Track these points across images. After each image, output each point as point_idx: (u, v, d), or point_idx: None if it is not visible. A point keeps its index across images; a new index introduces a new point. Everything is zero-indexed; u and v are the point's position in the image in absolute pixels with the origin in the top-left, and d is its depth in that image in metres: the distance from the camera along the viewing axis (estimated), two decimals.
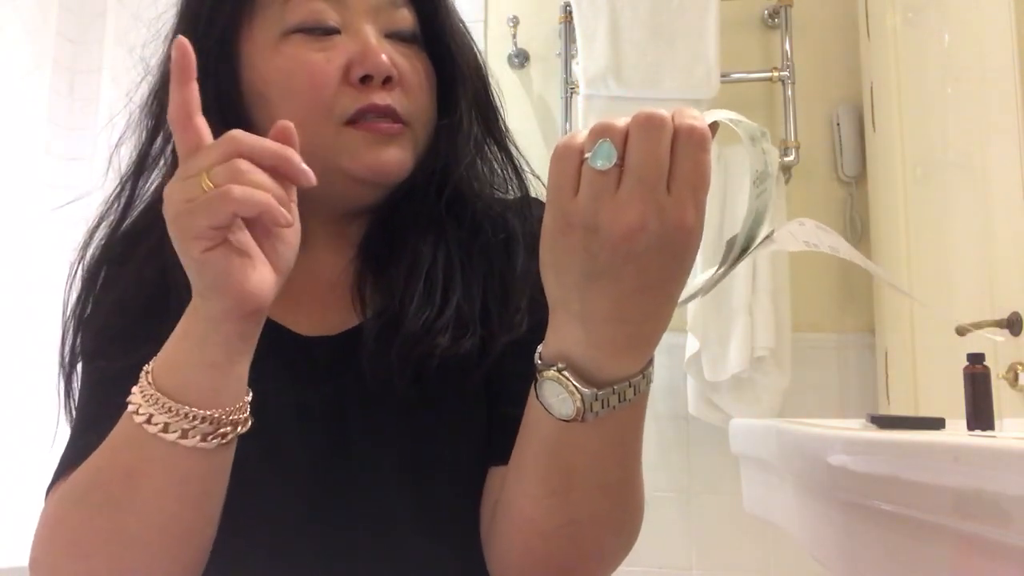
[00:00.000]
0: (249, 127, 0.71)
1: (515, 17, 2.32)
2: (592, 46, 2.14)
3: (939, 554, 0.45)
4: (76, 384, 0.72)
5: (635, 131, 0.48)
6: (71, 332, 0.72)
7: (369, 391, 0.67)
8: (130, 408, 0.57)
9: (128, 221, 0.75)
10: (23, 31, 2.34)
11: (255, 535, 0.65)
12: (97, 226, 0.75)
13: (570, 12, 2.22)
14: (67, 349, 0.72)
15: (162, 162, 0.74)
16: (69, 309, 0.73)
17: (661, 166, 0.48)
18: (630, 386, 0.54)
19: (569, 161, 0.50)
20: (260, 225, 0.55)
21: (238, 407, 0.58)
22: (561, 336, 0.54)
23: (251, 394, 0.59)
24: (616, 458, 0.59)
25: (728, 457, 1.07)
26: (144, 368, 0.58)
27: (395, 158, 0.70)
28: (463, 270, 0.72)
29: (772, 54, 2.26)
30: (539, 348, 0.56)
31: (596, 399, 0.53)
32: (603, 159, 0.48)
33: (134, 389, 0.57)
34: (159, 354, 0.58)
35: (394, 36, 0.71)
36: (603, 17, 2.14)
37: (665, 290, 0.51)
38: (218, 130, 0.69)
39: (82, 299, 0.73)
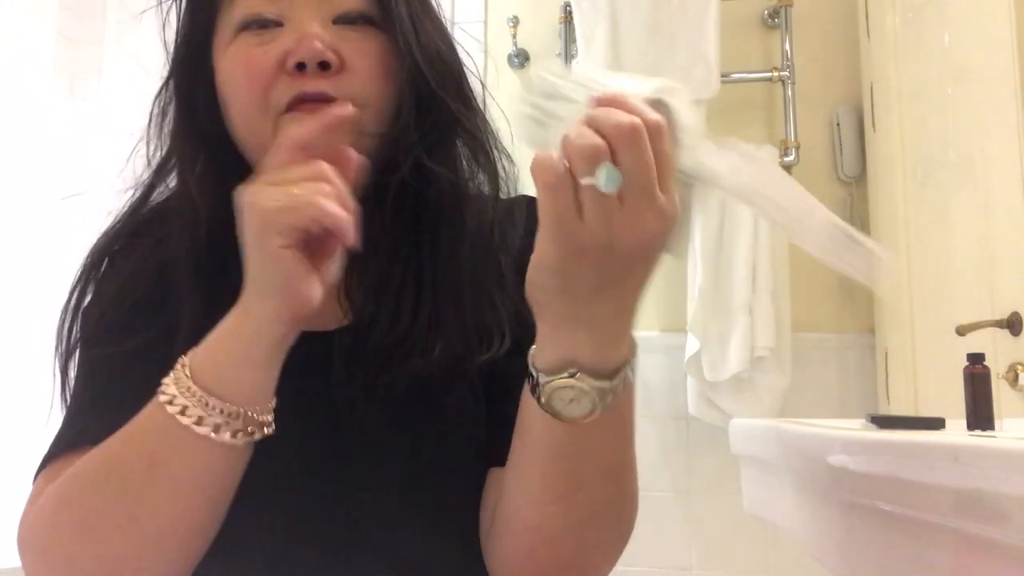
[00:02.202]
0: (226, 129, 0.72)
1: (515, 17, 2.32)
2: (592, 46, 2.14)
3: (939, 554, 0.45)
4: (72, 371, 0.73)
5: (625, 144, 0.49)
6: (69, 320, 0.73)
7: (366, 388, 0.67)
8: (161, 398, 0.57)
9: (138, 218, 0.76)
10: (23, 31, 2.34)
11: (251, 530, 0.65)
12: (112, 228, 0.76)
13: (570, 12, 2.22)
14: (65, 338, 0.73)
15: (175, 172, 0.75)
16: (74, 299, 0.74)
17: (654, 170, 0.49)
18: (630, 369, 0.56)
19: (566, 190, 0.50)
20: (320, 245, 0.58)
21: (268, 407, 0.59)
22: (567, 343, 0.54)
23: (275, 400, 0.60)
24: (617, 443, 0.61)
25: (728, 457, 1.07)
26: (180, 360, 0.59)
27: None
28: (446, 271, 0.71)
29: (772, 54, 2.26)
30: (532, 361, 0.56)
31: (609, 391, 0.55)
32: (613, 182, 0.48)
33: (166, 380, 0.58)
34: (199, 348, 0.59)
35: (342, 19, 0.69)
36: (603, 17, 2.13)
37: (653, 273, 0.54)
38: (198, 133, 0.72)
39: (82, 288, 0.74)
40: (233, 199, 0.71)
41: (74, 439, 0.66)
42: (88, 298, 0.74)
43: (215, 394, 0.57)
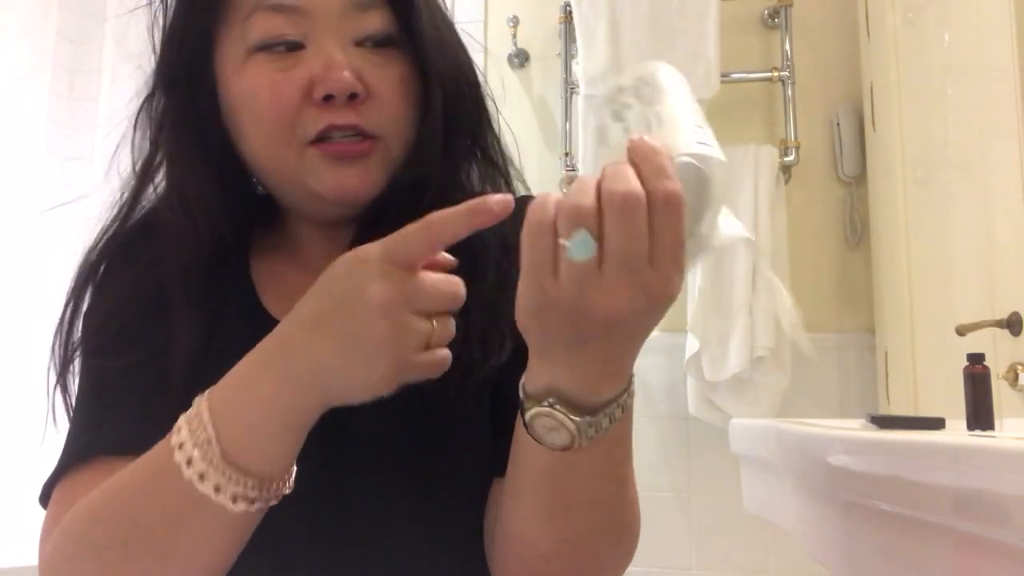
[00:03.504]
0: (229, 143, 0.71)
1: (515, 17, 2.32)
2: (592, 46, 2.14)
3: (939, 554, 0.45)
4: (71, 375, 0.72)
5: (613, 216, 0.46)
6: (67, 327, 0.72)
7: (368, 400, 0.67)
8: (186, 473, 0.55)
9: (128, 224, 0.75)
10: (23, 31, 2.34)
11: (250, 540, 0.65)
12: (98, 244, 0.74)
13: (570, 12, 2.22)
14: (63, 346, 0.72)
15: (161, 172, 0.73)
16: (71, 306, 0.73)
17: (643, 244, 0.46)
18: (618, 406, 0.54)
19: (543, 240, 0.47)
20: None
21: (292, 471, 0.59)
22: (548, 375, 0.53)
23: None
24: (609, 474, 0.59)
25: (728, 457, 1.07)
26: (198, 419, 0.56)
27: (357, 179, 0.67)
28: None
29: (772, 54, 2.26)
30: (522, 383, 0.55)
31: (589, 426, 0.53)
32: (584, 252, 0.46)
33: (193, 453, 0.55)
34: (224, 418, 0.55)
35: (366, 41, 0.68)
36: (603, 17, 2.13)
37: (647, 334, 0.51)
38: (200, 145, 0.70)
39: (78, 294, 0.73)
40: (235, 213, 0.70)
41: (83, 452, 0.66)
42: (86, 306, 0.73)
43: (248, 472, 0.55)
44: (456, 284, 0.55)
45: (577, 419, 0.52)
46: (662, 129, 0.50)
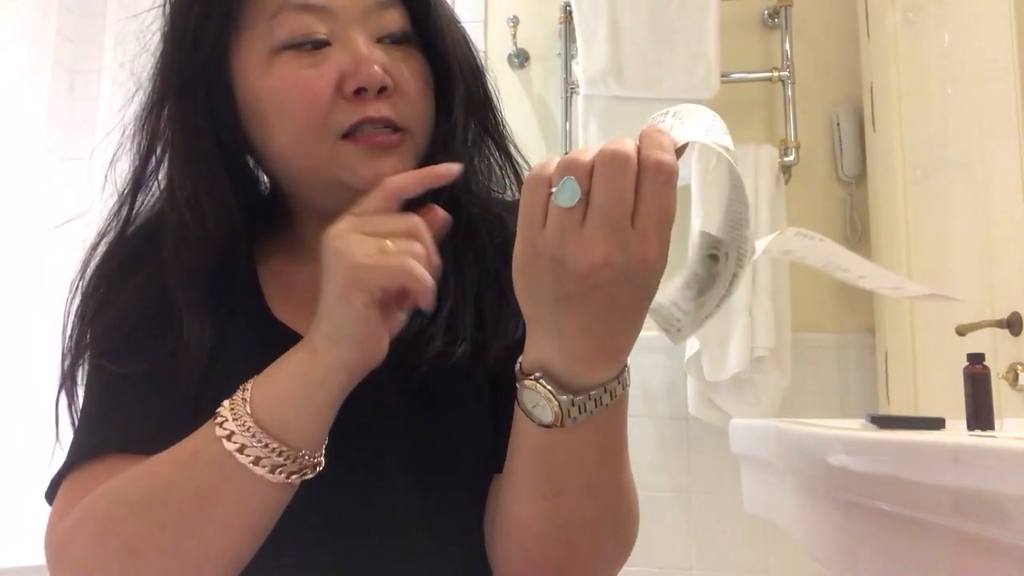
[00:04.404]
0: (245, 143, 0.72)
1: (515, 17, 2.32)
2: (592, 46, 2.14)
3: (939, 554, 0.45)
4: (78, 376, 0.72)
5: (600, 169, 0.49)
6: (77, 327, 0.72)
7: (372, 393, 0.67)
8: (219, 432, 0.58)
9: (128, 232, 0.74)
10: (23, 31, 2.34)
11: None
12: (97, 243, 0.75)
13: (570, 12, 2.22)
14: (73, 345, 0.72)
15: (160, 174, 0.73)
16: (74, 311, 0.73)
17: (626, 204, 0.49)
18: (606, 391, 0.55)
19: (537, 192, 0.51)
20: (395, 298, 0.59)
21: (322, 448, 0.61)
22: (538, 348, 0.55)
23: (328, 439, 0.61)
24: (600, 462, 0.60)
25: (728, 457, 1.07)
26: (240, 395, 0.59)
27: (391, 169, 0.69)
28: (457, 276, 0.71)
29: (772, 54, 2.26)
30: (520, 358, 0.57)
31: (573, 405, 0.54)
32: (567, 197, 0.49)
33: (224, 411, 0.59)
34: (260, 383, 0.60)
35: (386, 38, 0.70)
36: (603, 17, 2.14)
37: (633, 310, 0.53)
38: (213, 148, 0.70)
39: (85, 301, 0.73)
40: (241, 215, 0.70)
41: (96, 447, 0.66)
42: (92, 311, 0.72)
43: (276, 436, 0.58)
44: (409, 216, 0.61)
45: (562, 397, 0.54)
46: (683, 125, 0.53)
